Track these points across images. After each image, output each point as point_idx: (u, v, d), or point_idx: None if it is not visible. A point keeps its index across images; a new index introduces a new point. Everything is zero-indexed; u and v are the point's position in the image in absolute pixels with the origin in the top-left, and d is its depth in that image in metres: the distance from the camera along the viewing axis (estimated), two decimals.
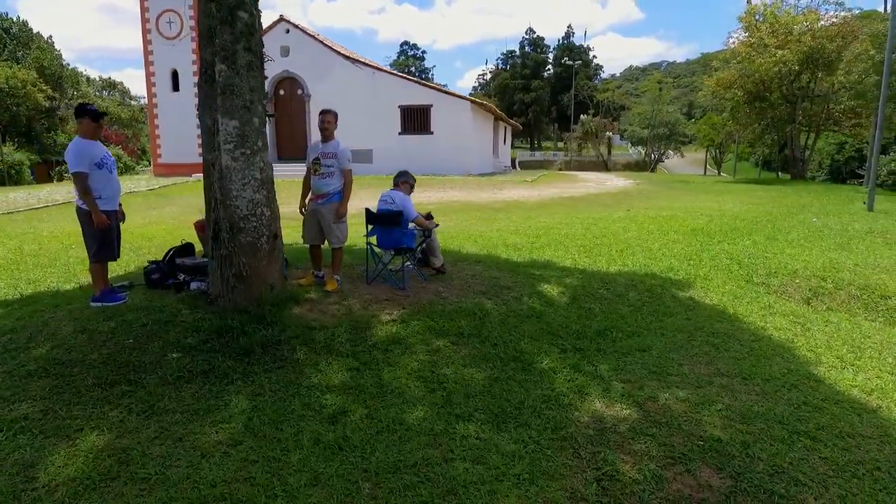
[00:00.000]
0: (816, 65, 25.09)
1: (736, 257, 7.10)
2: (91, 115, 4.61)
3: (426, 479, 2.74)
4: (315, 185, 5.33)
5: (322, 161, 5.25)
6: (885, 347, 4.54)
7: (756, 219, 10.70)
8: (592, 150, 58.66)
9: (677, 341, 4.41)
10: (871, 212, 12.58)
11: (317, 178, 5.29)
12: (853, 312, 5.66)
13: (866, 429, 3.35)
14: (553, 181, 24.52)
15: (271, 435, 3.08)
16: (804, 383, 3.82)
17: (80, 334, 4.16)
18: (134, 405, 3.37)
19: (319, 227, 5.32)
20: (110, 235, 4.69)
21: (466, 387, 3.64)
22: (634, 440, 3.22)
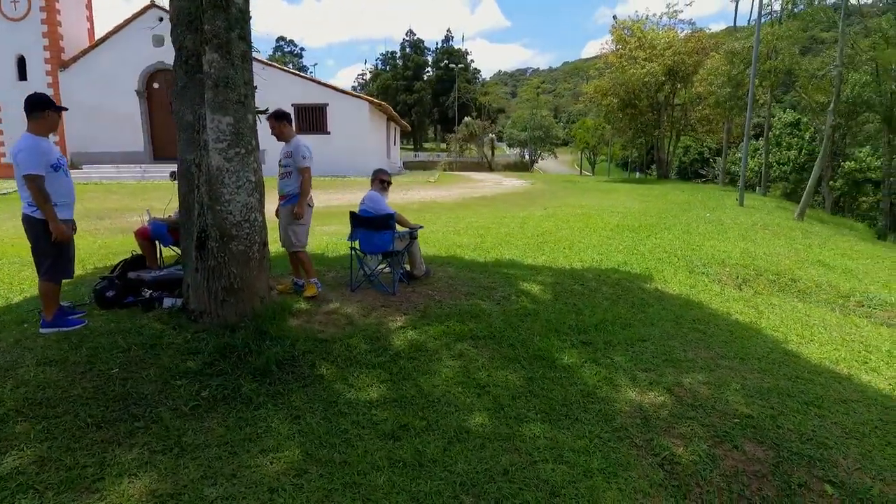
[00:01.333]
0: (677, 77, 28.20)
1: (669, 250, 7.79)
2: (56, 109, 3.93)
3: (524, 485, 2.71)
4: (278, 187, 5.22)
5: (281, 161, 5.15)
6: (825, 324, 5.26)
7: (659, 215, 11.79)
8: (476, 151, 60.67)
9: (668, 330, 4.75)
10: (742, 206, 14.42)
11: (279, 179, 5.19)
12: (774, 294, 6.48)
13: (851, 394, 3.87)
14: (453, 182, 24.98)
15: (337, 458, 2.85)
16: (787, 360, 4.32)
17: (47, 367, 3.51)
18: (153, 443, 2.93)
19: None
20: (67, 251, 4.00)
21: (507, 389, 3.64)
22: (678, 424, 3.43)
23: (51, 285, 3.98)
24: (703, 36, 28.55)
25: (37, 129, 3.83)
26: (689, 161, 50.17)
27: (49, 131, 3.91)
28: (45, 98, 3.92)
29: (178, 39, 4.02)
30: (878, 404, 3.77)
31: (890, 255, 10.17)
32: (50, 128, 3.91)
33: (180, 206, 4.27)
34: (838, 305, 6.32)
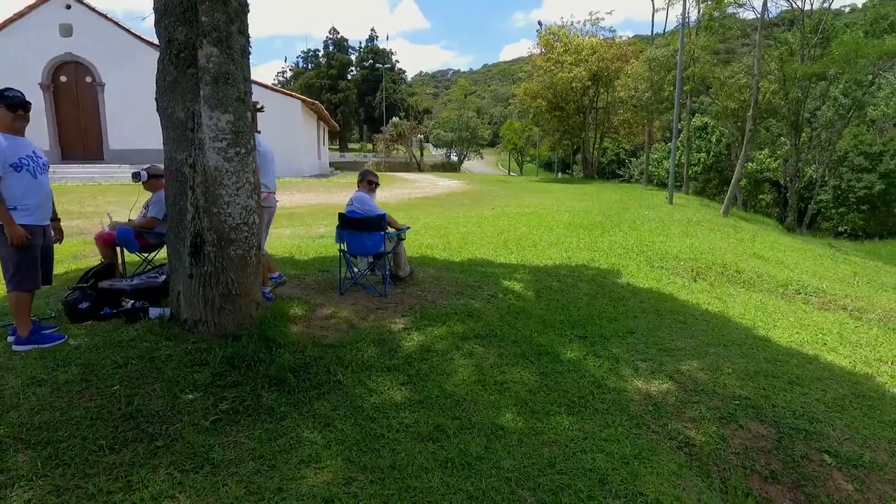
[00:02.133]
0: (600, 81, 29.61)
1: (625, 246, 8.20)
2: (6, 104, 3.51)
3: (573, 475, 2.79)
4: None
5: None
6: (780, 311, 5.76)
7: (603, 213, 12.36)
8: (404, 151, 60.62)
9: (652, 322, 5.03)
10: (671, 204, 15.38)
11: None
12: (726, 285, 7.00)
13: (823, 373, 4.28)
14: (390, 183, 24.80)
15: (383, 463, 2.80)
16: (762, 344, 4.70)
17: (36, 388, 3.18)
18: (181, 462, 2.74)
19: None
20: (31, 256, 3.62)
21: (524, 385, 3.72)
22: (685, 409, 3.66)
23: (18, 295, 3.59)
24: (624, 43, 30.14)
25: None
26: (607, 162, 52.97)
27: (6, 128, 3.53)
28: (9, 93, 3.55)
29: (166, 31, 3.76)
30: (847, 380, 4.19)
31: (807, 247, 11.28)
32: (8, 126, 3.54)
33: (169, 210, 3.99)
34: (780, 294, 6.93)
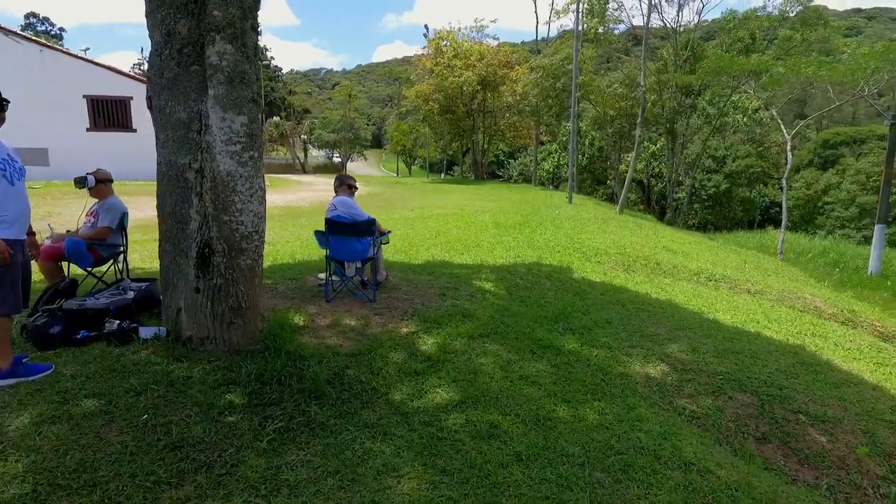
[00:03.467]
0: (488, 86, 30.89)
1: (559, 244, 8.77)
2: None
3: (632, 455, 3.05)
4: None
5: None
6: (712, 297, 6.56)
7: (518, 213, 13.01)
8: (286, 152, 58.34)
9: (621, 312, 5.50)
10: (571, 203, 16.56)
11: None
12: (654, 276, 7.79)
13: (769, 346, 5.02)
14: (287, 185, 23.87)
15: (458, 465, 2.85)
16: (714, 326, 5.37)
17: (50, 425, 2.77)
18: (255, 487, 2.58)
19: None
20: (12, 275, 3.12)
21: (544, 377, 3.93)
22: (682, 386, 4.11)
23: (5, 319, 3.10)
24: (509, 50, 31.71)
25: None
26: (487, 163, 55.40)
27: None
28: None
29: (163, 23, 3.42)
30: (788, 352, 4.94)
31: (698, 239, 12.80)
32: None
33: (167, 218, 3.62)
34: (697, 281, 7.87)
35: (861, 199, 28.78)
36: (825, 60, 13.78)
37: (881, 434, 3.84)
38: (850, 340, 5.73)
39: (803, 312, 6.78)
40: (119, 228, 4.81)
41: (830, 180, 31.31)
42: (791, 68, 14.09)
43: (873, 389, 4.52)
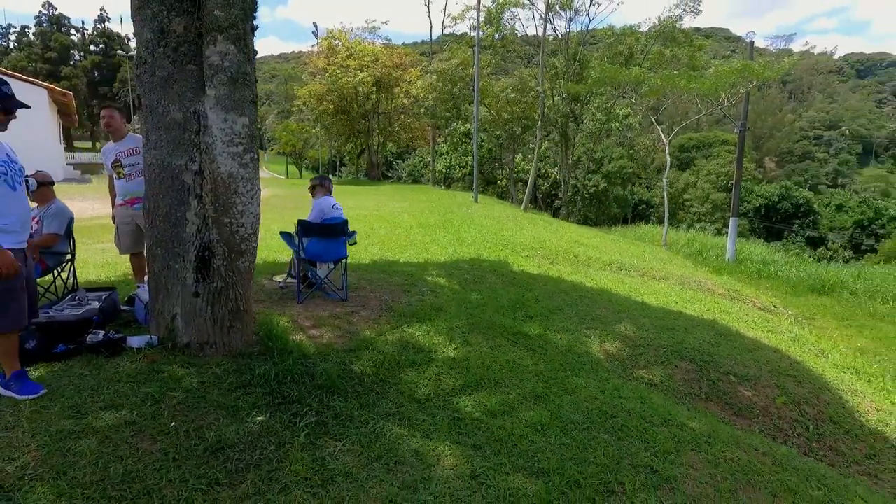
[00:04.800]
0: (382, 87, 31.02)
1: (487, 240, 9.28)
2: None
3: (624, 417, 3.53)
4: (125, 189, 4.63)
5: (123, 161, 4.60)
6: (634, 284, 7.39)
7: (435, 213, 13.41)
8: None
9: (566, 300, 6.06)
10: (477, 203, 17.31)
11: (123, 181, 4.62)
12: (577, 267, 8.56)
13: (691, 322, 5.83)
14: None
15: (486, 439, 3.13)
16: (646, 307, 6.11)
17: (76, 440, 2.62)
18: (310, 478, 2.67)
19: (138, 233, 4.57)
20: (14, 288, 2.88)
21: (525, 359, 4.32)
22: (637, 360, 4.73)
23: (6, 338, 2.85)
24: (402, 52, 32.05)
25: None
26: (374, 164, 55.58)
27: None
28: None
29: (156, 20, 3.30)
30: (707, 326, 5.80)
31: (599, 234, 14.03)
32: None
33: (159, 221, 3.47)
34: (612, 270, 8.77)
35: (713, 196, 32.92)
36: (693, 74, 15.87)
37: (790, 386, 4.71)
38: (745, 314, 6.81)
39: (702, 293, 7.89)
40: (67, 235, 4.45)
41: (688, 180, 35.45)
42: (667, 80, 16.01)
43: (774, 352, 5.48)
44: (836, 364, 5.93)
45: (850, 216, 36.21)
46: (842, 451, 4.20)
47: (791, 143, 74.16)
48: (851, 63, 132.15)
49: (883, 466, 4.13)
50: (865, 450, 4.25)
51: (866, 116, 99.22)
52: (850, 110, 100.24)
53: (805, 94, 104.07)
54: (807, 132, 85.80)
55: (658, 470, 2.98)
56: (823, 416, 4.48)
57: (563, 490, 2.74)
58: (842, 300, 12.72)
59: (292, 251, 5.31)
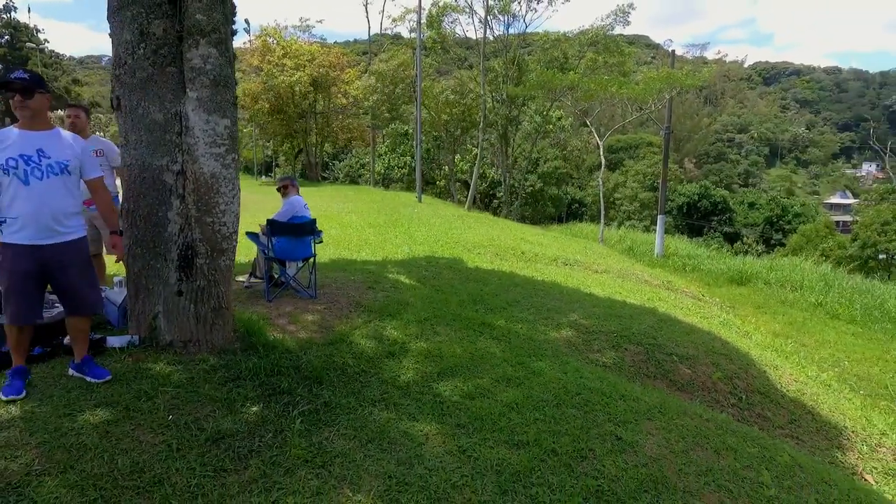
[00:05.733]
0: (320, 87, 30.66)
1: (438, 239, 9.56)
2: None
3: (589, 394, 3.89)
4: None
5: None
6: (578, 276, 7.89)
7: (381, 213, 13.56)
8: None
9: (521, 293, 6.43)
10: (421, 203, 17.58)
11: None
12: (528, 262, 9.00)
13: (635, 310, 6.35)
14: None
15: (469, 417, 3.40)
16: (594, 298, 6.58)
17: (76, 436, 2.65)
18: (311, 460, 2.84)
19: (94, 234, 4.56)
20: (13, 283, 2.87)
21: (492, 347, 4.63)
22: (591, 344, 5.16)
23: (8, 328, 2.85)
24: (340, 51, 31.80)
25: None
26: (304, 166, 54.89)
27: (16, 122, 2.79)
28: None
29: (135, 22, 3.32)
30: (649, 313, 6.33)
31: (541, 232, 14.61)
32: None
33: (139, 221, 3.48)
34: (558, 264, 9.27)
35: (641, 195, 34.82)
36: (624, 81, 16.87)
37: (723, 364, 5.28)
38: (679, 302, 7.46)
39: (640, 284, 8.52)
40: None
41: (618, 180, 37.29)
42: (600, 86, 16.93)
43: (707, 334, 6.08)
44: (759, 344, 6.64)
45: (760, 213, 39.35)
46: (768, 418, 4.77)
47: (707, 145, 79.29)
48: (759, 71, 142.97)
49: (803, 429, 4.74)
50: (788, 416, 4.86)
51: (772, 121, 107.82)
52: (758, 115, 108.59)
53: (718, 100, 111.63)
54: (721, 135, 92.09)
55: (621, 437, 3.35)
56: (752, 388, 5.06)
57: (542, 458, 3.05)
58: (757, 290, 13.90)
59: (256, 251, 5.36)
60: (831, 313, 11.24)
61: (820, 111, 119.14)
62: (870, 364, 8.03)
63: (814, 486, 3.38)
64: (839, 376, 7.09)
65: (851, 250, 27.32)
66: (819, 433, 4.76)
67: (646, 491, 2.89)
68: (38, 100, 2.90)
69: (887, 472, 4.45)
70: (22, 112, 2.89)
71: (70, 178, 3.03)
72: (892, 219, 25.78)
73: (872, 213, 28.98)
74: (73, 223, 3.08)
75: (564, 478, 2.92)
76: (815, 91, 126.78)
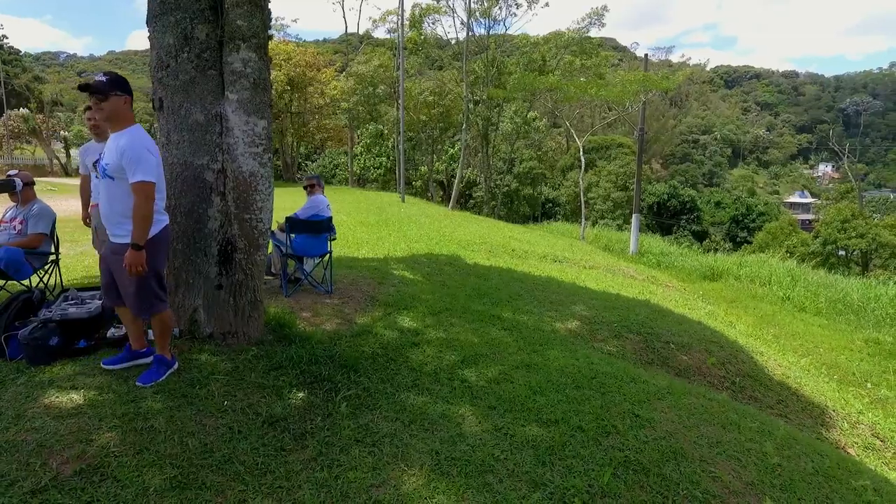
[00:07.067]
0: (296, 87, 30.49)
1: (432, 237, 9.78)
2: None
3: (602, 378, 4.17)
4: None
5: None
6: (570, 271, 8.20)
7: (370, 212, 13.70)
8: (35, 151, 49.09)
9: (523, 287, 6.70)
10: (405, 203, 17.74)
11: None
12: (522, 259, 9.29)
13: (630, 302, 6.69)
14: (64, 192, 20.58)
15: (497, 399, 3.64)
16: (589, 291, 6.90)
17: (143, 421, 2.79)
18: (362, 439, 3.05)
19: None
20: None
21: (506, 337, 4.88)
22: (595, 334, 5.45)
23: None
24: (317, 51, 31.66)
25: (131, 118, 3.11)
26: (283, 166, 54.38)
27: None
28: (119, 79, 3.01)
29: (178, 27, 3.45)
30: (643, 305, 6.68)
31: (526, 230, 14.95)
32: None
33: (181, 217, 3.61)
34: (549, 261, 9.59)
35: (614, 194, 35.62)
36: (601, 83, 17.39)
37: (715, 350, 5.65)
38: (667, 295, 7.85)
39: (628, 278, 8.91)
40: (50, 235, 4.38)
41: (591, 179, 38.03)
42: (579, 88, 17.43)
43: (698, 324, 6.46)
44: (742, 332, 7.07)
45: (727, 212, 40.69)
46: (759, 399, 5.15)
47: (673, 146, 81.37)
48: (721, 74, 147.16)
49: (790, 409, 5.13)
50: (775, 397, 5.24)
51: (734, 122, 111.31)
52: (720, 117, 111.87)
53: (683, 102, 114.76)
54: (686, 136, 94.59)
55: (639, 414, 3.64)
56: (742, 373, 5.44)
57: (571, 434, 3.31)
58: (728, 285, 14.52)
59: (272, 248, 5.49)
60: (798, 306, 11.86)
61: (779, 114, 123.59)
62: (837, 353, 8.57)
63: (809, 456, 3.72)
64: (811, 364, 7.59)
65: (813, 247, 28.60)
66: (804, 412, 5.16)
67: (667, 460, 3.18)
68: (114, 101, 2.97)
69: (867, 446, 4.87)
70: (98, 115, 3.01)
71: (113, 182, 3.03)
72: (851, 216, 27.11)
73: (833, 211, 30.39)
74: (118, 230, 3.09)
75: (594, 450, 3.18)
76: (774, 94, 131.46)
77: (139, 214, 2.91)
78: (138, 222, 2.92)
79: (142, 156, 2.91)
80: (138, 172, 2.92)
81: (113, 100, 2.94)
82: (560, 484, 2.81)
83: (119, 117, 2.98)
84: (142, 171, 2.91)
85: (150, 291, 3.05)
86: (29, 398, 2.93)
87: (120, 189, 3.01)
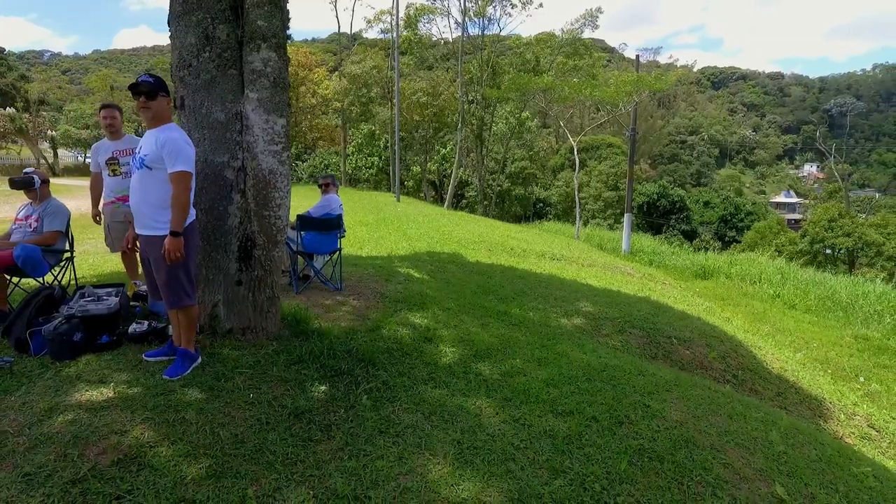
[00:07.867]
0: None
1: (432, 236, 9.86)
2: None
3: (612, 371, 4.28)
4: (119, 186, 4.80)
5: (120, 160, 4.82)
6: (571, 269, 8.33)
7: (368, 212, 13.74)
8: (21, 151, 48.51)
9: (526, 284, 6.81)
10: (400, 202, 17.81)
11: (119, 178, 4.80)
12: (520, 257, 9.40)
13: (631, 299, 6.82)
14: (66, 192, 20.40)
15: (511, 392, 3.73)
16: (594, 288, 7.03)
17: (174, 413, 2.85)
18: (386, 430, 3.13)
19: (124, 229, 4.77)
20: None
21: (515, 332, 4.97)
22: (600, 329, 5.57)
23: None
24: (309, 50, 31.60)
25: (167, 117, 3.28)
26: None
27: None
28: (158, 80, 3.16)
29: (200, 27, 3.51)
30: (644, 301, 6.82)
31: (522, 229, 15.07)
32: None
33: (201, 214, 3.66)
34: (547, 260, 9.71)
35: (605, 194, 35.91)
36: (596, 84, 17.59)
37: (716, 345, 5.79)
38: (666, 292, 8.00)
39: (627, 276, 9.05)
40: (66, 232, 4.41)
41: (582, 179, 38.32)
42: (574, 89, 17.61)
43: (697, 319, 6.60)
44: (740, 328, 7.24)
45: (716, 212, 41.17)
46: (759, 391, 5.30)
47: (662, 146, 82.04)
48: (708, 75, 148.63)
49: (789, 401, 5.28)
50: (775, 389, 5.39)
51: (721, 123, 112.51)
52: (708, 118, 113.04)
53: (671, 103, 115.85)
54: (674, 137, 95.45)
55: (649, 405, 3.75)
56: (743, 366, 5.59)
57: (587, 424, 3.41)
58: (720, 283, 14.76)
59: None
60: (788, 304, 12.10)
61: (765, 114, 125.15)
62: (828, 349, 8.78)
63: (812, 444, 3.86)
64: (806, 359, 7.78)
65: (801, 245, 29.05)
66: (803, 404, 5.31)
67: (680, 448, 3.29)
68: (160, 101, 3.15)
69: (863, 436, 5.03)
70: (144, 114, 3.10)
71: (150, 172, 3.17)
72: (837, 216, 27.58)
73: (820, 210, 30.89)
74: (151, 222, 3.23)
75: (609, 440, 3.28)
76: (760, 95, 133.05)
77: (178, 202, 3.07)
78: (177, 210, 3.07)
79: (182, 148, 3.11)
80: (178, 163, 3.09)
81: (160, 100, 3.11)
82: (580, 471, 2.91)
83: (162, 116, 3.15)
84: (182, 162, 3.09)
85: (179, 284, 3.16)
86: (59, 392, 2.98)
87: (156, 179, 3.16)
